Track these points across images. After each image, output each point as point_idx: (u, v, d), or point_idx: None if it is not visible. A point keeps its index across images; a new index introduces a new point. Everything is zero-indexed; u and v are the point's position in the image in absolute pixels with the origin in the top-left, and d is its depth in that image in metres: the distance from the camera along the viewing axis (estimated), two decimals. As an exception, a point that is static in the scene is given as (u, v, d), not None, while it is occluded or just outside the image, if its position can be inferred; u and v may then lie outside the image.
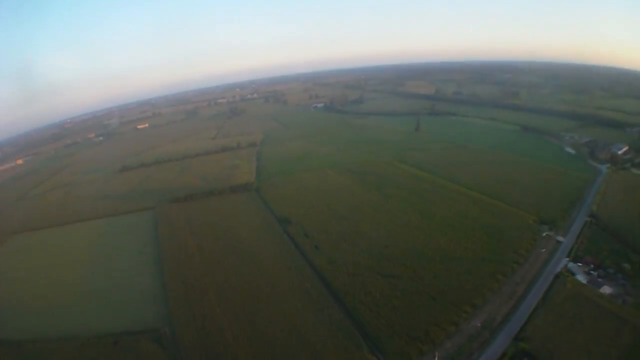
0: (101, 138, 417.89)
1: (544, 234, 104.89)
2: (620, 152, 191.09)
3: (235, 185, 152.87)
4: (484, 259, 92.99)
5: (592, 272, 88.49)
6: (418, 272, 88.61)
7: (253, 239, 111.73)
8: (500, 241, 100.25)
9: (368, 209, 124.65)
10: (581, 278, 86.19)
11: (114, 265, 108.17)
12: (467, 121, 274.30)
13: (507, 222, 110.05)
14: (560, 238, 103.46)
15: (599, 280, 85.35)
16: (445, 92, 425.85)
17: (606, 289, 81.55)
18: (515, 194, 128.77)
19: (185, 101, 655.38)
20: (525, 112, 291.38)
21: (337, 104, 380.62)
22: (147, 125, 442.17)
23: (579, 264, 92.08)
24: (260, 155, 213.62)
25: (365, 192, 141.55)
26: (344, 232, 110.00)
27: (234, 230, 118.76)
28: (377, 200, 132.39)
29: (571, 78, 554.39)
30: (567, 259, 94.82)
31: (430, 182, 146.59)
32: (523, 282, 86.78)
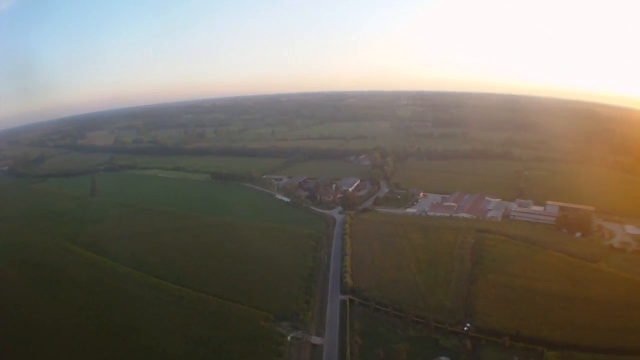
0: None
1: (290, 337, 71.84)
2: (352, 189, 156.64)
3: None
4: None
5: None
6: None
7: None
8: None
9: (40, 327, 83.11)
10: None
11: None
12: (148, 175, 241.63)
13: (228, 329, 74.55)
14: (316, 339, 72.32)
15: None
16: (125, 142, 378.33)
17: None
18: (224, 278, 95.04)
19: None
20: (214, 156, 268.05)
21: (19, 166, 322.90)
22: None
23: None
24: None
25: (37, 296, 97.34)
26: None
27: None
28: (49, 311, 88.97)
29: (267, 109, 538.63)
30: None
31: (111, 273, 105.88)
32: None
